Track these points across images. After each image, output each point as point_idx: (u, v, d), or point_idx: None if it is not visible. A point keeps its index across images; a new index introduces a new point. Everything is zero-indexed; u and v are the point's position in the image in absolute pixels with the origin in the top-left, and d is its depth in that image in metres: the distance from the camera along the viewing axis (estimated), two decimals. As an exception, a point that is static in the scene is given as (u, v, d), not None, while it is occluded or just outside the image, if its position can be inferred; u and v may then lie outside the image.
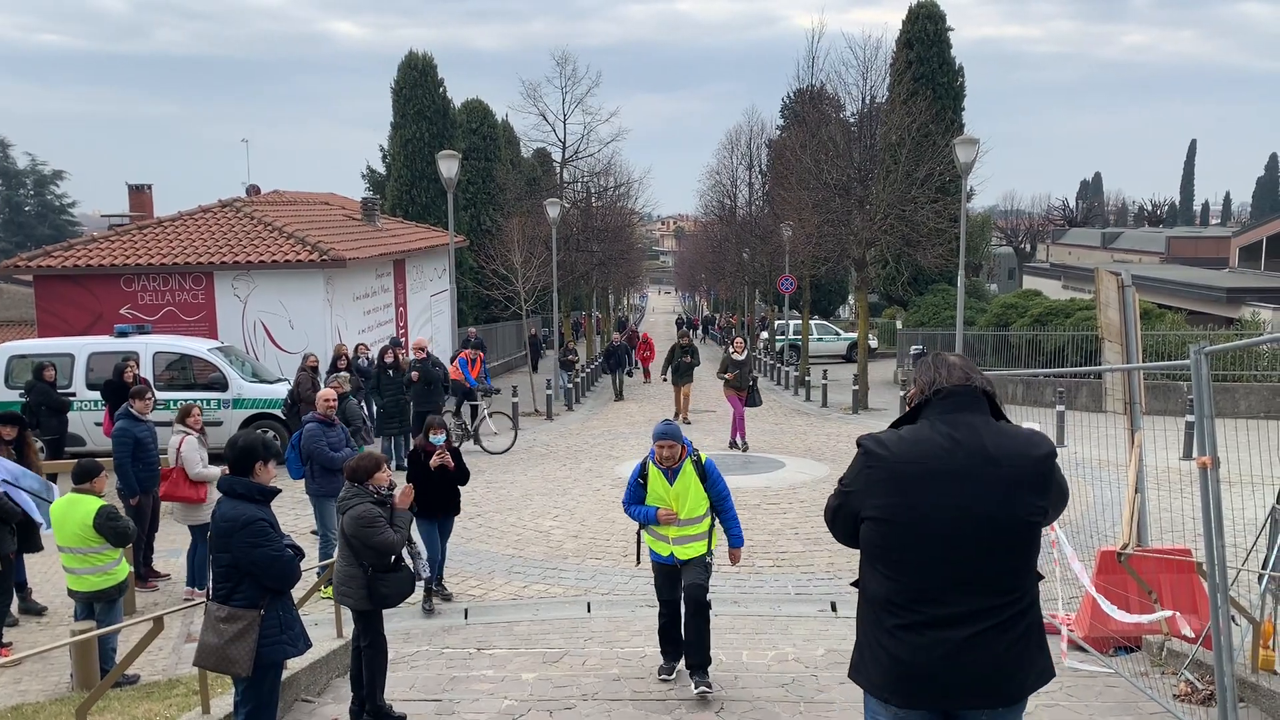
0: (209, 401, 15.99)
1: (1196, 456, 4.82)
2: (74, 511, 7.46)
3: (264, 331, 19.73)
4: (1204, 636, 6.19)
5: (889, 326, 40.59)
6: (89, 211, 63.85)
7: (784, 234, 32.43)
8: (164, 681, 7.48)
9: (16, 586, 8.96)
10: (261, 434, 5.87)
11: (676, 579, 6.90)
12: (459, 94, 45.24)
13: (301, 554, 5.52)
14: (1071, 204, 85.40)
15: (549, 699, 6.74)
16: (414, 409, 16.08)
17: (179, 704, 6.53)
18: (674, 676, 7.01)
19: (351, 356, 17.97)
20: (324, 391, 10.60)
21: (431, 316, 28.41)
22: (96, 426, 15.43)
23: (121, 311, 19.33)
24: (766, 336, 40.32)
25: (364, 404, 17.19)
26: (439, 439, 9.23)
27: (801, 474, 15.65)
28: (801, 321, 34.14)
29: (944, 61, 39.17)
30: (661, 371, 23.23)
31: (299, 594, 6.17)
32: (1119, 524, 8.48)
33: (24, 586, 9.33)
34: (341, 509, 6.44)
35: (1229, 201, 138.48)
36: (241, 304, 19.67)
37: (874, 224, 24.83)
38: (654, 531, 6.94)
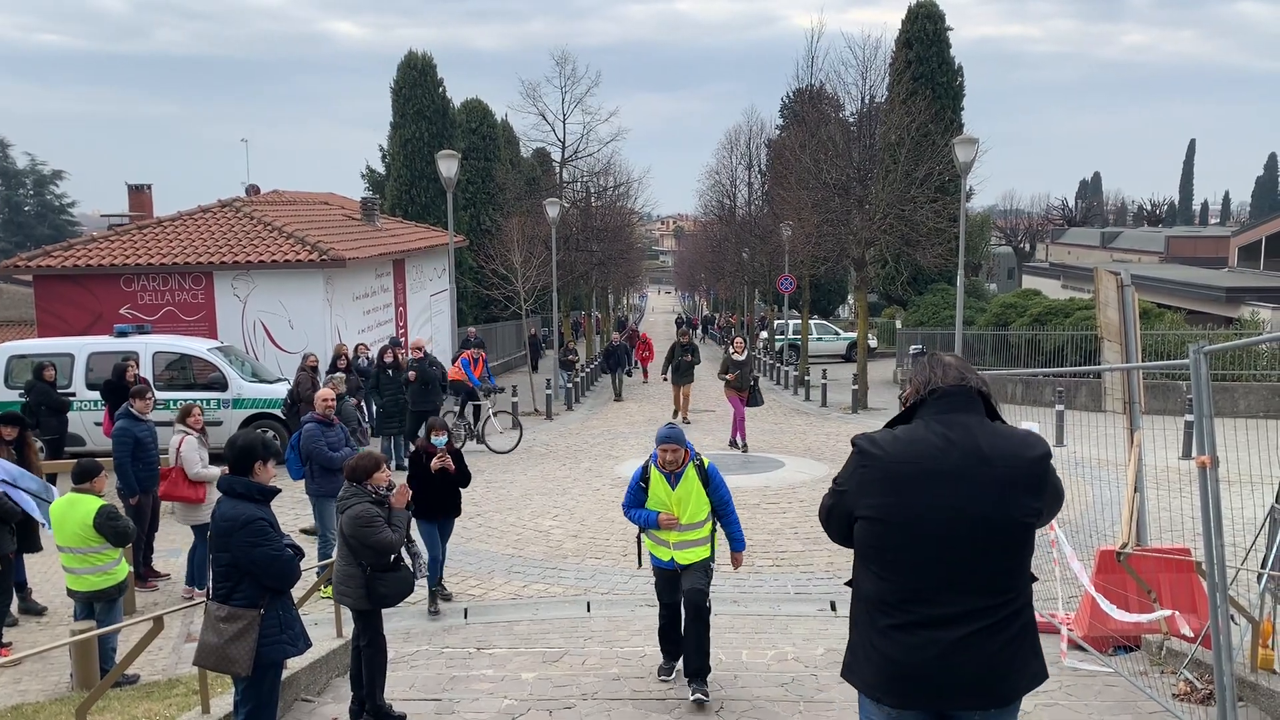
0: (209, 401, 15.98)
1: (1196, 456, 4.82)
2: (74, 511, 7.46)
3: (264, 331, 19.74)
4: (1203, 636, 6.19)
5: (888, 326, 40.60)
6: (89, 211, 63.87)
7: (783, 234, 32.43)
8: (164, 681, 7.49)
9: (16, 586, 8.97)
10: (261, 433, 5.87)
11: (677, 583, 6.86)
12: (458, 94, 45.30)
13: (301, 553, 5.52)
14: (1071, 203, 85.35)
15: (549, 698, 6.73)
16: (411, 408, 16.08)
17: (179, 704, 6.54)
18: (673, 676, 7.01)
19: (351, 356, 17.98)
20: (322, 391, 10.59)
21: (431, 316, 28.41)
22: (96, 426, 15.43)
23: (121, 311, 19.34)
24: (766, 336, 40.33)
25: (364, 404, 17.23)
26: (440, 440, 9.14)
27: (801, 473, 15.66)
28: (801, 321, 34.15)
29: (943, 61, 39.15)
30: (662, 371, 23.18)
31: (299, 593, 6.18)
32: (1118, 523, 8.49)
33: (24, 586, 9.34)
34: (340, 509, 6.44)
35: (1228, 201, 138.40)
36: (241, 304, 19.68)
37: (873, 223, 24.83)
38: (654, 536, 6.89)
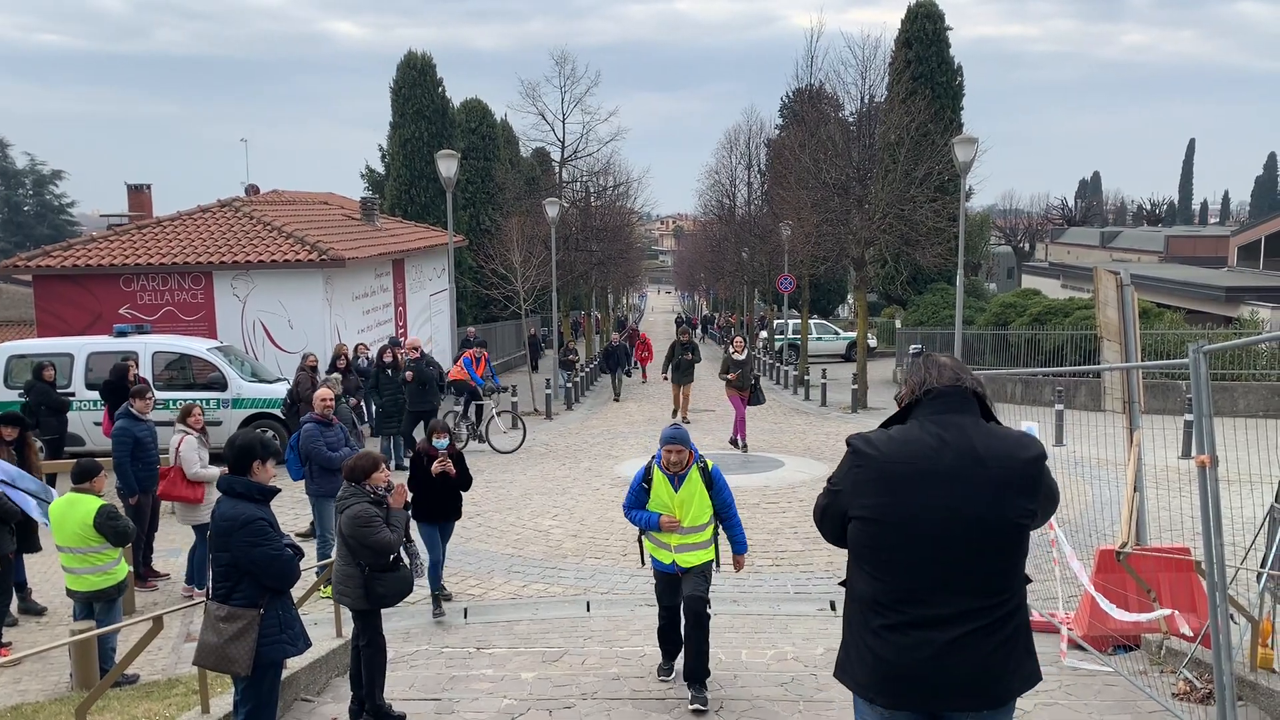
0: (208, 401, 15.98)
1: (1195, 455, 4.82)
2: (74, 511, 7.46)
3: (263, 331, 19.74)
4: (1202, 635, 6.19)
5: (888, 326, 40.60)
6: (88, 211, 63.92)
7: (783, 233, 32.43)
8: (163, 681, 7.49)
9: (16, 586, 8.97)
10: (260, 433, 5.87)
11: (677, 586, 6.80)
12: (458, 94, 45.30)
13: (301, 553, 5.52)
14: (1070, 203, 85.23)
15: (548, 698, 6.73)
16: (408, 408, 16.07)
17: (178, 703, 6.54)
18: (673, 675, 7.00)
19: (351, 356, 17.98)
20: (321, 391, 10.52)
21: (431, 316, 28.41)
22: (96, 426, 15.44)
23: (121, 311, 19.34)
24: (766, 336, 40.33)
25: (363, 404, 17.23)
26: (442, 443, 9.00)
27: (800, 473, 15.66)
28: (801, 321, 34.16)
29: (943, 61, 39.15)
30: (662, 370, 23.11)
31: (298, 593, 6.17)
32: (1118, 523, 8.49)
33: (24, 586, 9.34)
34: (339, 509, 6.44)
35: (1228, 201, 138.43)
36: (241, 304, 19.68)
37: (873, 223, 24.82)
38: (655, 538, 6.82)
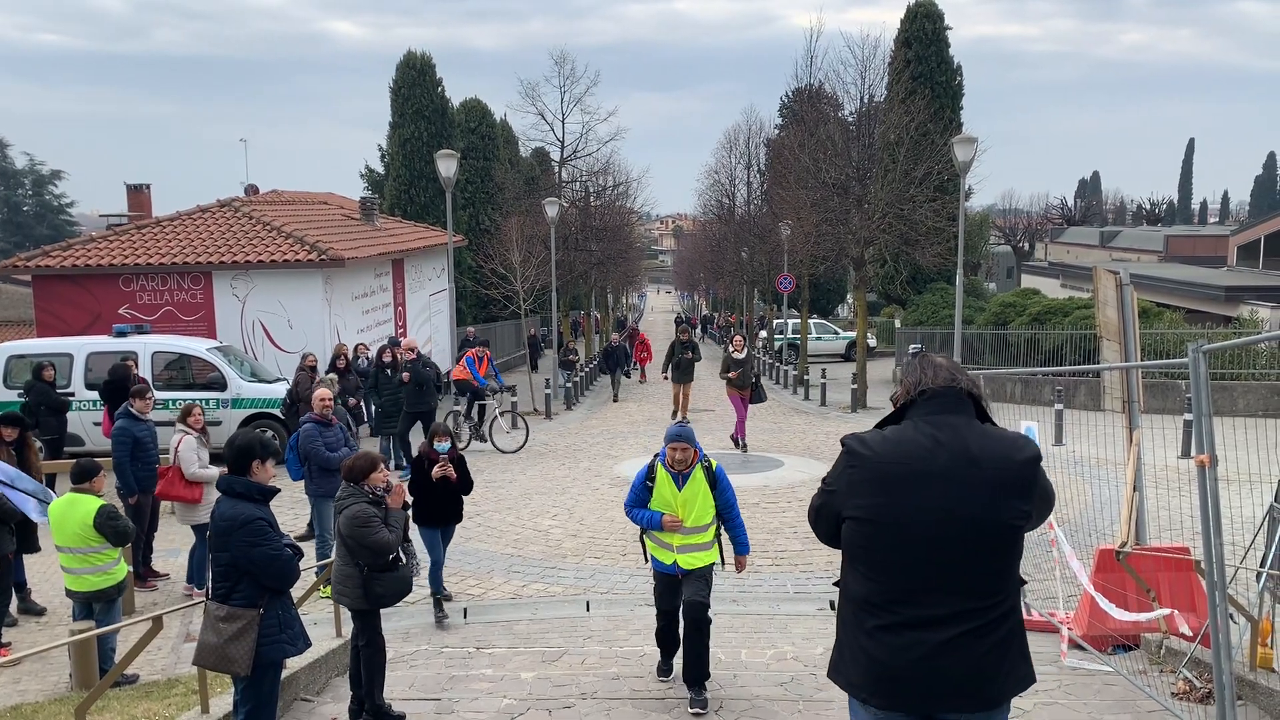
0: (208, 401, 15.98)
1: (1195, 455, 4.82)
2: (73, 511, 7.46)
3: (263, 331, 19.74)
4: (1202, 634, 6.19)
5: (887, 325, 40.62)
6: (87, 211, 63.93)
7: (782, 233, 32.44)
8: (163, 681, 7.48)
9: (16, 587, 8.97)
10: (259, 433, 5.88)
11: (677, 588, 6.70)
12: (457, 93, 45.38)
13: (300, 553, 5.52)
14: (1070, 203, 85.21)
15: (548, 698, 6.73)
16: (405, 409, 16.05)
17: (178, 703, 6.53)
18: (672, 675, 6.99)
19: (351, 356, 17.97)
20: (320, 391, 10.51)
21: (430, 316, 28.41)
22: (95, 426, 15.43)
23: (120, 311, 19.34)
24: (765, 335, 40.33)
25: (363, 404, 17.21)
26: (444, 446, 8.93)
27: (800, 473, 15.66)
28: (800, 320, 34.18)
29: (942, 60, 39.15)
30: (663, 369, 23.04)
31: (298, 593, 6.18)
32: (1117, 522, 8.49)
33: (23, 587, 9.34)
34: (338, 509, 6.44)
35: (1227, 200, 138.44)
36: (240, 304, 19.68)
37: (872, 223, 24.83)
38: (657, 538, 6.72)
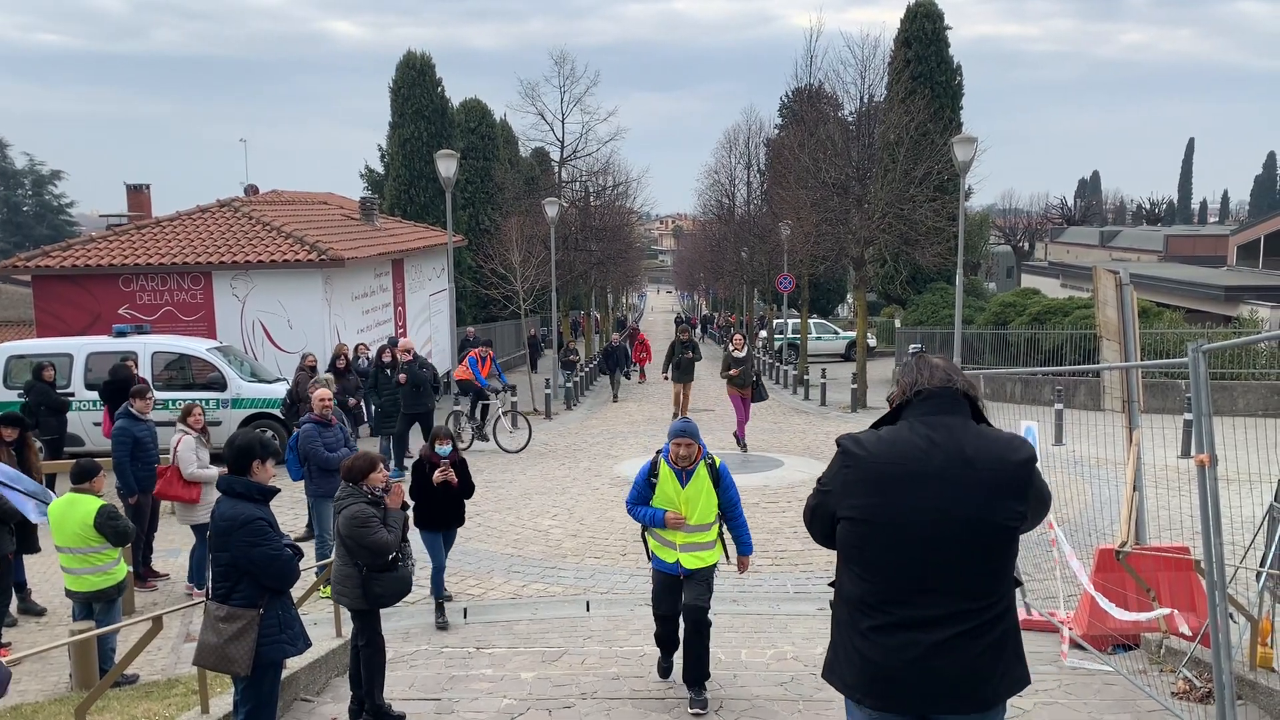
0: (208, 401, 15.97)
1: (1195, 454, 4.82)
2: (73, 511, 7.46)
3: (262, 331, 19.74)
4: (1202, 634, 6.19)
5: (887, 325, 40.62)
6: (87, 211, 63.98)
7: (782, 233, 32.44)
8: (163, 681, 7.48)
9: (16, 587, 8.97)
10: (259, 433, 5.88)
11: (677, 589, 6.58)
12: (457, 93, 45.44)
13: (300, 553, 5.52)
14: (1070, 202, 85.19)
15: (548, 698, 6.73)
16: (402, 410, 16.04)
17: (178, 704, 6.53)
18: (672, 674, 6.98)
19: (351, 356, 17.97)
20: (320, 391, 10.51)
21: (430, 316, 28.41)
22: (95, 426, 15.43)
23: (120, 311, 19.34)
24: (765, 335, 40.33)
25: (363, 404, 17.21)
26: (445, 449, 8.90)
27: (800, 472, 15.65)
28: (800, 320, 34.18)
29: (942, 60, 39.15)
30: (663, 369, 23.02)
31: (298, 593, 6.18)
32: (1117, 522, 8.49)
33: (23, 587, 9.34)
34: (337, 509, 6.44)
35: (1227, 200, 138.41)
36: (240, 304, 19.68)
37: (872, 223, 24.84)
38: (660, 536, 6.60)
